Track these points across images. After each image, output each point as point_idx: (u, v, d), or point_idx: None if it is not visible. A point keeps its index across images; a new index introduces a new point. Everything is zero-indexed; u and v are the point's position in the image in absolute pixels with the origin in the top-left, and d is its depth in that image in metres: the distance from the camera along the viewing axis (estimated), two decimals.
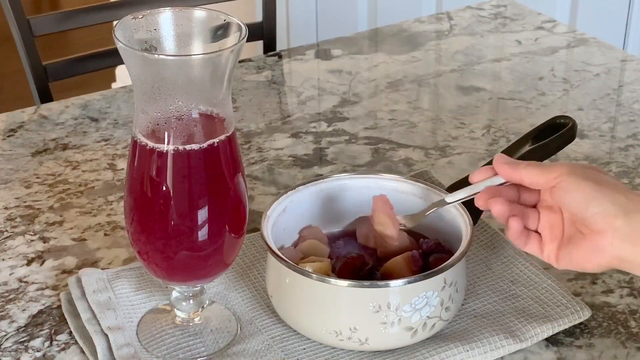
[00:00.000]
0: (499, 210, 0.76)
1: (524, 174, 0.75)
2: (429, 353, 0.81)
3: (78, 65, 1.48)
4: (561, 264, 0.76)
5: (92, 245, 0.99)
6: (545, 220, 0.76)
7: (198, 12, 0.80)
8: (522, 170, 0.75)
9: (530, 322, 0.85)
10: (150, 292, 0.89)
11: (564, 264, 0.75)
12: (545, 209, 0.76)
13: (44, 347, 0.85)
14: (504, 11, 1.56)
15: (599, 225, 0.71)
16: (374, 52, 1.43)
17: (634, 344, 0.85)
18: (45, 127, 1.22)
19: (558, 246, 0.75)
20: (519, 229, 0.76)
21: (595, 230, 0.72)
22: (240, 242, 0.84)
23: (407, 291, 0.79)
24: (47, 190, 1.08)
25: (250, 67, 1.38)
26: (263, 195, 1.07)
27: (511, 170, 0.76)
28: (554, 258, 0.76)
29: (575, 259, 0.74)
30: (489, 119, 1.24)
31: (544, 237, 0.76)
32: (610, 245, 0.71)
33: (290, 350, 0.83)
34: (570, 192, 0.73)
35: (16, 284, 0.93)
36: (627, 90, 1.30)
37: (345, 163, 1.14)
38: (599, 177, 0.73)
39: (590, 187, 0.72)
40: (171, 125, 0.77)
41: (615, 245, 0.71)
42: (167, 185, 0.77)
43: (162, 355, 0.83)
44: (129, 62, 0.76)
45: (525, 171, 0.75)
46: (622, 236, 0.71)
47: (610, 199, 0.71)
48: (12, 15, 1.38)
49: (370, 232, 0.90)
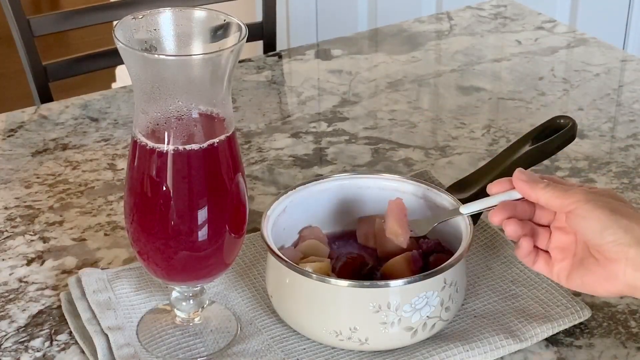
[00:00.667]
0: (512, 231, 0.76)
1: (541, 195, 0.75)
2: (429, 353, 0.81)
3: (78, 65, 1.48)
4: (572, 285, 0.76)
5: (92, 245, 0.99)
6: (557, 240, 0.77)
7: (198, 12, 0.80)
8: (540, 191, 0.75)
9: (530, 322, 0.85)
10: (150, 292, 0.89)
11: (574, 286, 0.76)
12: (558, 229, 0.77)
13: (44, 347, 0.85)
14: (504, 11, 1.56)
15: (612, 253, 0.72)
16: (374, 52, 1.43)
17: (634, 344, 0.85)
18: (45, 127, 1.22)
19: (569, 267, 0.76)
20: (529, 249, 0.77)
21: (609, 258, 0.72)
22: (240, 242, 0.84)
23: (407, 291, 0.79)
24: (47, 190, 1.08)
25: (250, 67, 1.38)
26: (263, 195, 1.07)
27: (529, 189, 0.76)
28: (564, 278, 0.76)
29: (587, 282, 0.75)
30: (489, 119, 1.24)
31: (554, 256, 0.77)
32: (623, 274, 0.72)
33: (290, 350, 0.83)
34: (586, 219, 0.73)
35: (16, 284, 0.93)
36: (627, 90, 1.30)
37: (345, 163, 1.14)
38: (616, 205, 0.73)
39: (606, 216, 0.72)
40: (171, 125, 0.77)
41: (628, 274, 0.72)
42: (167, 185, 0.77)
43: (162, 355, 0.83)
44: (129, 62, 0.76)
45: (543, 192, 0.75)
46: (635, 265, 0.71)
47: (625, 228, 0.72)
48: (12, 15, 1.38)
49: (370, 232, 0.90)
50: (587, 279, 0.75)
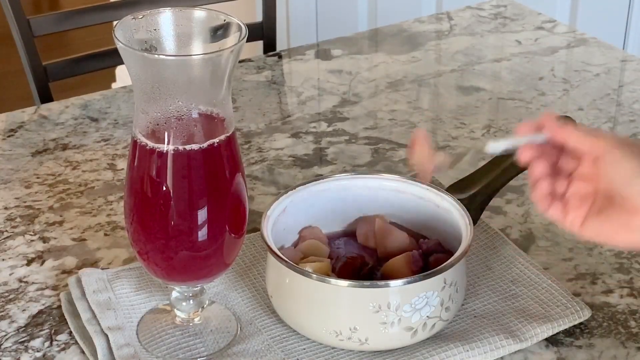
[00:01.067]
0: (539, 172, 0.75)
1: (573, 135, 0.73)
2: (429, 353, 0.81)
3: (78, 65, 1.48)
4: (585, 233, 0.74)
5: (92, 245, 0.99)
6: (576, 188, 0.75)
7: (198, 12, 0.80)
8: (572, 132, 0.74)
9: (530, 322, 0.85)
10: (150, 292, 0.89)
11: (588, 234, 0.74)
12: (580, 178, 0.75)
13: (44, 347, 0.85)
14: (504, 11, 1.56)
15: (637, 202, 0.71)
16: (374, 52, 1.43)
17: (634, 344, 0.85)
18: (45, 127, 1.22)
19: (586, 215, 0.74)
20: (547, 190, 0.75)
21: (633, 207, 0.71)
22: (240, 242, 0.84)
23: (407, 291, 0.79)
24: (47, 190, 1.08)
25: (250, 67, 1.38)
26: (263, 195, 1.07)
27: (561, 129, 0.74)
28: (577, 226, 0.74)
29: (604, 231, 0.73)
30: (489, 119, 1.24)
31: (571, 204, 0.75)
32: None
33: (290, 350, 0.83)
34: (615, 166, 0.71)
35: (16, 284, 0.93)
36: (627, 90, 1.30)
37: (345, 163, 1.14)
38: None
39: (636, 164, 0.71)
40: (171, 125, 0.77)
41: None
42: (167, 185, 0.77)
43: (162, 355, 0.83)
44: (129, 62, 0.76)
45: (575, 132, 0.73)
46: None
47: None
48: (12, 15, 1.38)
49: (370, 232, 0.90)
50: (605, 227, 0.73)
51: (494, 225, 1.00)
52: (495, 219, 1.02)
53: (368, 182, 0.91)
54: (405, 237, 0.89)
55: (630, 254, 0.96)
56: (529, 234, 1.00)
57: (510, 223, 1.01)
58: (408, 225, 0.91)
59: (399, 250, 0.87)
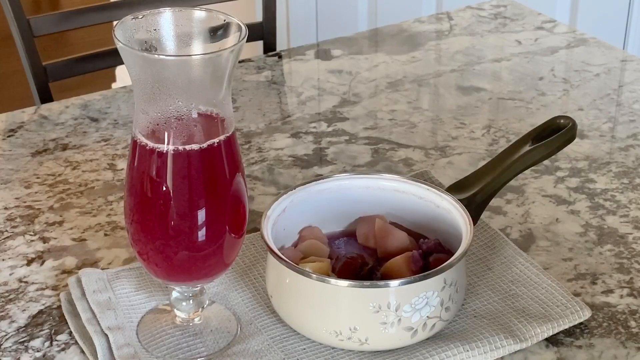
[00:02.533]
0: None
1: None
2: (429, 353, 0.81)
3: (78, 65, 1.48)
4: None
5: (92, 245, 0.99)
6: None
7: (198, 12, 0.80)
8: None
9: (530, 322, 0.85)
10: (150, 292, 0.89)
11: None
12: None
13: (44, 347, 0.85)
14: (504, 11, 1.56)
15: None
16: (374, 52, 1.43)
17: (634, 344, 0.85)
18: (45, 127, 1.22)
19: None
20: None
21: None
22: (240, 242, 0.84)
23: (407, 291, 0.79)
24: (47, 191, 1.08)
25: (250, 67, 1.38)
26: (263, 195, 1.07)
27: None
28: None
29: None
30: (489, 119, 1.24)
31: None
32: None
33: (290, 350, 0.83)
34: None
35: (16, 284, 0.93)
36: (627, 90, 1.30)
37: (345, 163, 1.14)
38: None
39: None
40: (171, 125, 0.77)
41: None
42: (167, 185, 0.77)
43: (162, 355, 0.83)
44: (129, 62, 0.76)
45: None
46: None
47: None
48: (12, 15, 1.38)
49: (370, 232, 0.90)
50: None
51: (494, 225, 1.00)
52: (495, 219, 1.02)
53: (368, 182, 0.91)
54: (405, 237, 0.88)
55: (630, 253, 0.96)
56: (529, 234, 1.00)
57: (510, 223, 1.01)
58: (408, 225, 0.91)
59: (399, 250, 0.87)
